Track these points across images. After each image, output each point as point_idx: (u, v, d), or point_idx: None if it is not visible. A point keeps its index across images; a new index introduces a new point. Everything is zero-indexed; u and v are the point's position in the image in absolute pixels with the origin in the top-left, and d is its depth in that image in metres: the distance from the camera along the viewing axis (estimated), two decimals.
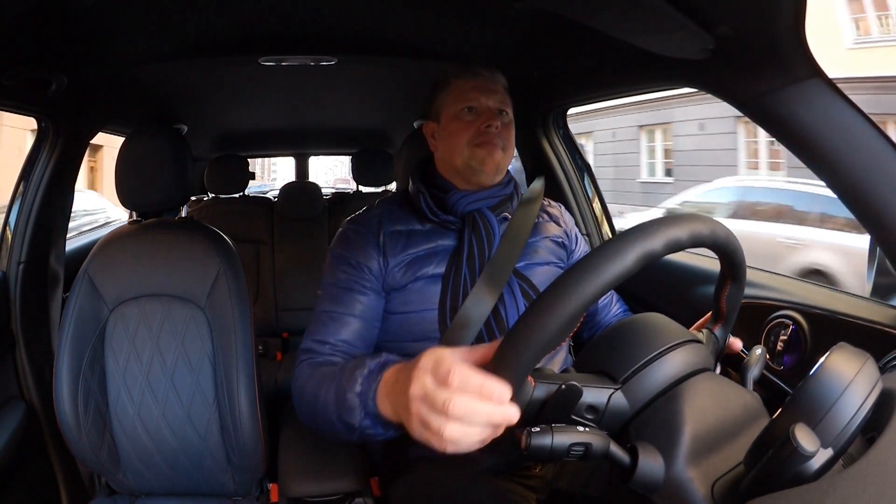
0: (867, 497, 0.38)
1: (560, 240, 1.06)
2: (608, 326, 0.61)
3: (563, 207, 1.11)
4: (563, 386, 0.50)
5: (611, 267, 0.46)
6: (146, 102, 1.62)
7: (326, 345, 0.91)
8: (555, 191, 1.53)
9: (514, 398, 0.48)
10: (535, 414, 0.51)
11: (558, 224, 1.08)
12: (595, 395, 0.52)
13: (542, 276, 0.99)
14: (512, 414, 0.47)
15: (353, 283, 0.94)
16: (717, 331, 0.66)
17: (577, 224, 1.22)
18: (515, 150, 1.13)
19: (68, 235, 1.45)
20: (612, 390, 0.52)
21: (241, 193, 2.46)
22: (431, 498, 0.88)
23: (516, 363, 0.47)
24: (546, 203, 1.09)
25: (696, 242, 0.52)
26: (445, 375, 0.48)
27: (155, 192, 1.11)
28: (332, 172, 17.90)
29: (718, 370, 0.65)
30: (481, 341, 0.89)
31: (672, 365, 0.54)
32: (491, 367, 0.48)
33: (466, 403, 0.47)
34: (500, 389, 0.46)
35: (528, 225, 0.99)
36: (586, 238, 1.51)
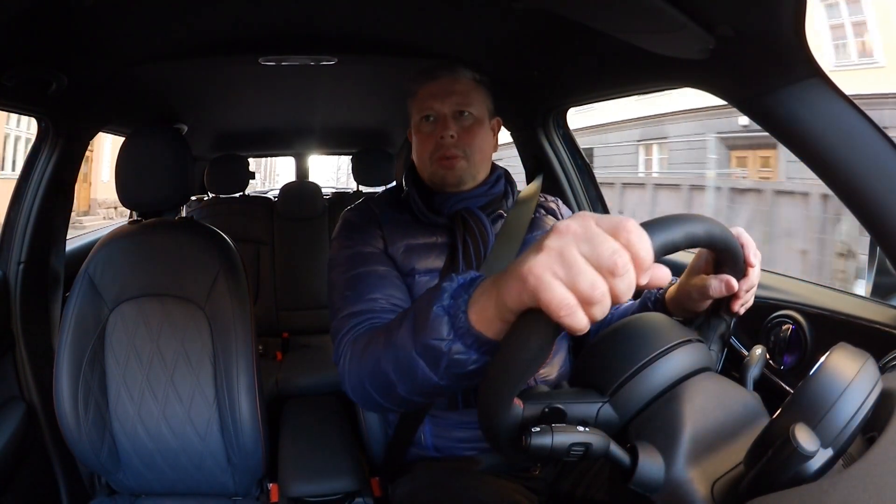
0: (867, 497, 0.38)
1: None
2: (599, 333, 0.60)
3: (559, 201, 1.10)
4: (546, 409, 0.51)
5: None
6: (146, 102, 1.62)
7: (362, 302, 0.82)
8: (554, 191, 1.53)
9: (507, 417, 0.49)
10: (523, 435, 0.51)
11: (556, 217, 1.06)
12: (584, 410, 0.52)
13: None
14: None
15: (365, 249, 0.92)
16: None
17: None
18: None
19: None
20: (599, 404, 0.53)
21: (241, 193, 2.46)
22: (432, 498, 0.88)
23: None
24: (543, 199, 1.08)
25: (694, 242, 0.52)
26: (617, 225, 0.41)
27: (155, 192, 1.11)
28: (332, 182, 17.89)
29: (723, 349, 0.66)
30: None
31: (659, 374, 0.54)
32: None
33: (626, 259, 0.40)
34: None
35: (523, 222, 0.98)
36: None
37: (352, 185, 2.53)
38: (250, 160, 2.57)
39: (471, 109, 0.95)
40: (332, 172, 14.90)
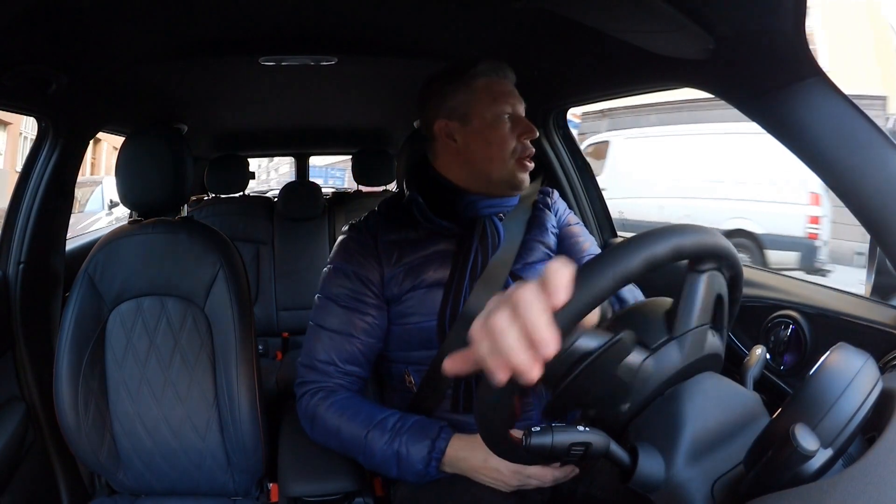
0: (867, 497, 0.38)
1: (555, 229, 1.04)
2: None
3: (555, 193, 1.09)
4: (616, 338, 0.50)
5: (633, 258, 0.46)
6: (146, 102, 1.62)
7: (331, 366, 0.92)
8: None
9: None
10: (575, 362, 0.51)
11: (551, 209, 1.06)
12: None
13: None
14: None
15: (352, 301, 0.93)
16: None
17: None
18: None
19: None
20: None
21: (241, 193, 2.46)
22: (434, 497, 0.88)
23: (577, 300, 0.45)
24: (540, 195, 1.07)
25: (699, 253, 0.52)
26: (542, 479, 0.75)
27: (155, 192, 1.11)
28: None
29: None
30: None
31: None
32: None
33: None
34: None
35: (521, 223, 0.97)
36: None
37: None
38: None
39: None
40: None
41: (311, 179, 2.80)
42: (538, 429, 0.48)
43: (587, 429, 0.49)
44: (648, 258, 0.46)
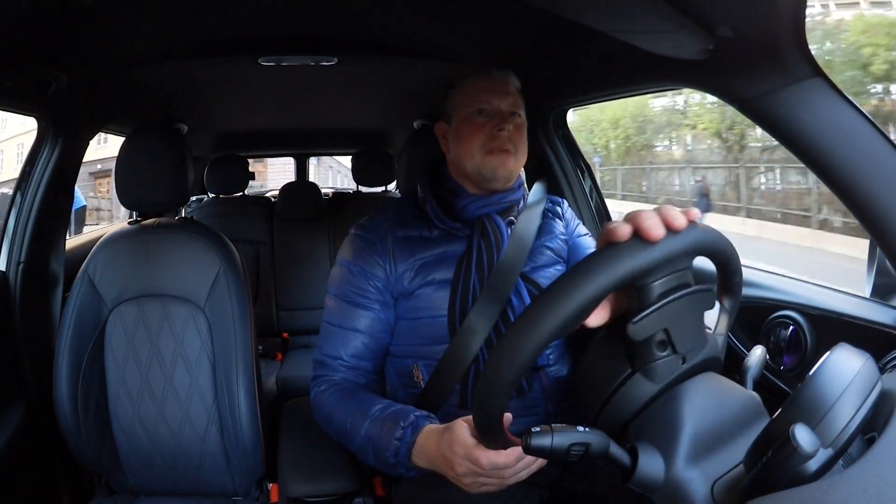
0: (867, 497, 0.38)
1: (564, 237, 1.05)
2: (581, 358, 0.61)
3: (565, 203, 1.11)
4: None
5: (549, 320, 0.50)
6: (146, 102, 1.62)
7: (338, 360, 0.95)
8: (555, 191, 1.52)
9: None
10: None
11: (561, 219, 1.07)
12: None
13: (549, 280, 0.99)
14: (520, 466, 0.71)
15: (358, 297, 0.95)
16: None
17: None
18: None
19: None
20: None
21: (242, 193, 2.46)
22: (435, 496, 0.87)
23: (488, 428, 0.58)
24: (550, 203, 1.08)
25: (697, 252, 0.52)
26: (476, 463, 0.69)
27: (155, 192, 1.11)
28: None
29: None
30: (490, 346, 0.90)
31: (626, 399, 0.54)
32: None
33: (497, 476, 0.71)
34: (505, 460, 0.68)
35: (532, 228, 0.98)
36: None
37: None
38: None
39: (520, 112, 0.97)
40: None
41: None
42: (538, 429, 0.48)
43: (587, 429, 0.49)
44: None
